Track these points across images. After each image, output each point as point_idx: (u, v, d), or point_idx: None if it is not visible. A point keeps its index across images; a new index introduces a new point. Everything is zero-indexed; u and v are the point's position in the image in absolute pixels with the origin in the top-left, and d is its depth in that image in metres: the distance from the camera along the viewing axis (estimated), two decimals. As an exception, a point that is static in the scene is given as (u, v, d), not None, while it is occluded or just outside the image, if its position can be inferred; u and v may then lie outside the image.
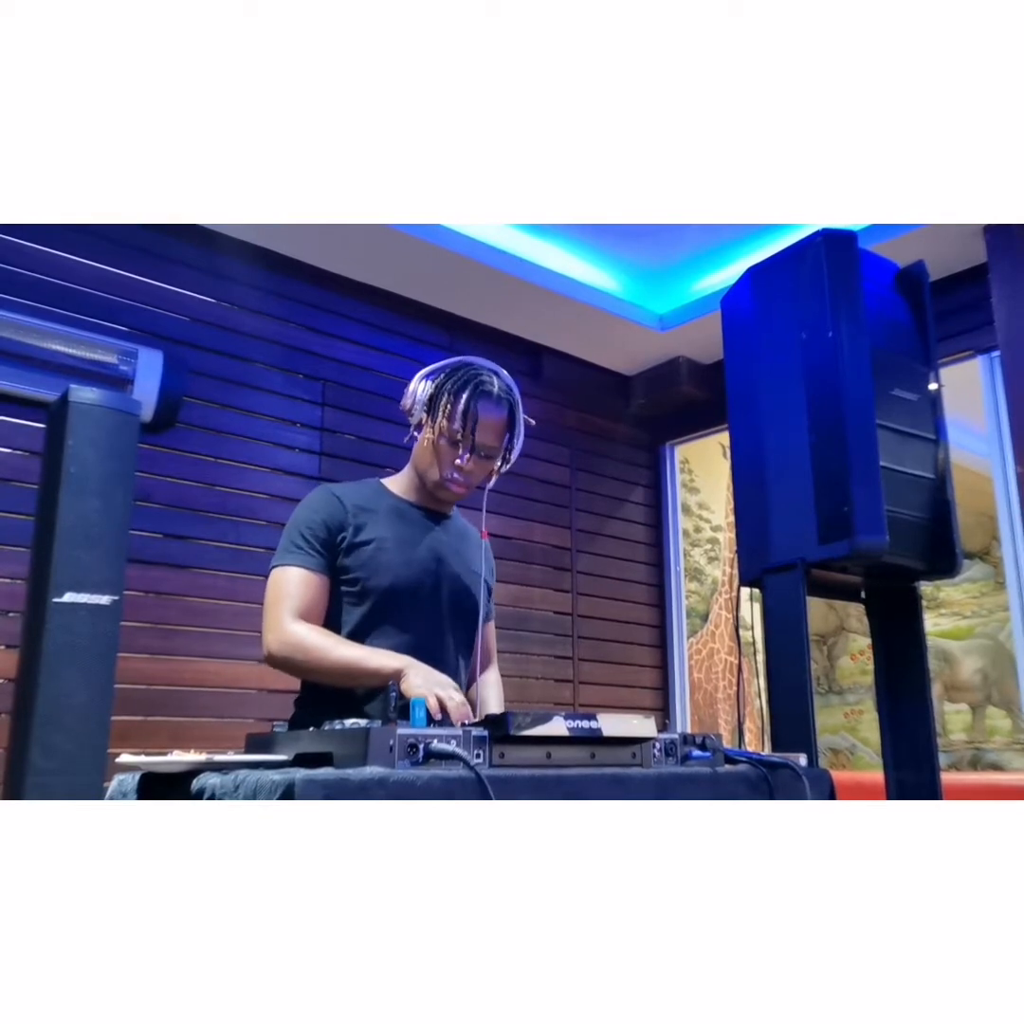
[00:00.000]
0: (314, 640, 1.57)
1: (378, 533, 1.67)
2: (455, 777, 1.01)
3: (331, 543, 1.65)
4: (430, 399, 1.68)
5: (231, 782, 1.02)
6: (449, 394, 1.67)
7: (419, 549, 1.70)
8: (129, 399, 2.28)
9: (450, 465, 1.69)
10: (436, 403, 1.68)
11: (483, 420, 1.67)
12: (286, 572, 1.63)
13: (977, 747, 4.27)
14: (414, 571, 1.67)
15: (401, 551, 1.67)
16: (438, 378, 1.70)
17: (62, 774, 1.81)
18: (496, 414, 1.69)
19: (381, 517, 1.70)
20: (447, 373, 1.70)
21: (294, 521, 1.68)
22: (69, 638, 1.89)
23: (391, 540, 1.68)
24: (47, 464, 2.05)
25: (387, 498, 1.75)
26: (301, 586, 1.62)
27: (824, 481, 1.76)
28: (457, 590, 1.73)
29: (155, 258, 2.99)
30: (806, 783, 1.31)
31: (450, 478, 1.70)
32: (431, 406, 1.68)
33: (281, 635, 1.59)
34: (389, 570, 1.65)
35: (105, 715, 1.90)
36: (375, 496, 1.75)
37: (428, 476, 1.72)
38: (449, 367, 1.72)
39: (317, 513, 1.67)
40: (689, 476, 4.50)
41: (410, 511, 1.75)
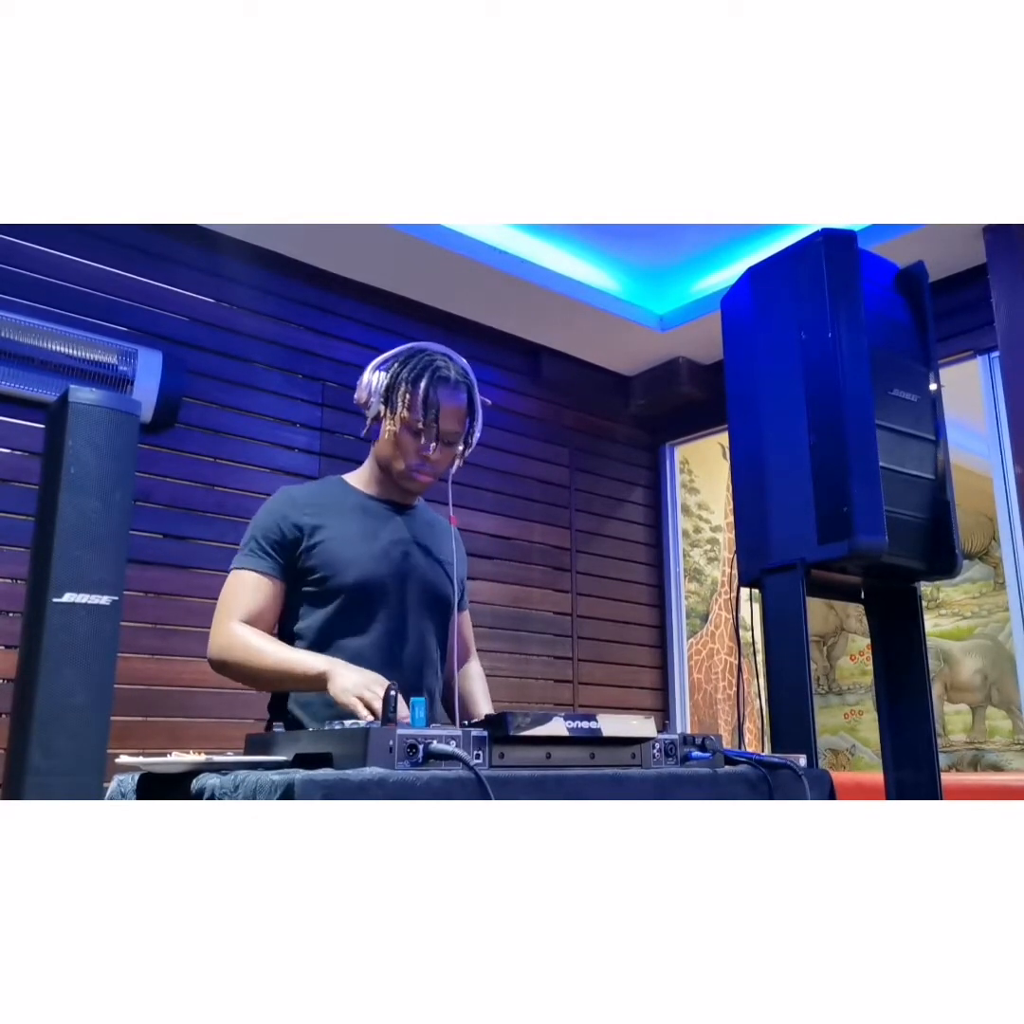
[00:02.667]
0: (247, 643, 1.55)
1: (340, 530, 1.65)
2: (455, 777, 1.01)
3: (285, 545, 1.63)
4: (387, 390, 1.65)
5: (230, 782, 1.02)
6: (407, 383, 1.63)
7: (384, 542, 1.67)
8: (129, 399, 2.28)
9: (415, 455, 1.66)
10: (394, 394, 1.64)
11: (445, 408, 1.64)
12: (239, 575, 1.62)
13: (977, 748, 4.27)
14: (380, 565, 1.64)
15: (366, 545, 1.65)
16: (392, 367, 1.66)
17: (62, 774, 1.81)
18: (457, 400, 1.66)
19: (343, 513, 1.68)
20: (401, 361, 1.66)
21: (253, 524, 1.67)
22: (69, 638, 1.89)
23: (355, 535, 1.65)
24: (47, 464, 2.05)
25: (349, 494, 1.73)
26: (251, 590, 1.61)
27: (823, 481, 1.76)
28: (426, 581, 1.70)
29: (155, 258, 2.99)
30: (806, 784, 1.31)
31: (416, 468, 1.67)
32: (388, 397, 1.64)
33: (219, 638, 1.58)
34: (355, 565, 1.62)
35: (105, 715, 1.91)
36: (336, 493, 1.72)
37: (393, 468, 1.68)
38: (402, 355, 1.68)
39: (272, 515, 1.66)
40: (689, 476, 4.50)
41: (373, 505, 1.72)
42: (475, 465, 3.70)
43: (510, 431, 3.83)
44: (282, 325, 3.26)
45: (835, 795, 1.41)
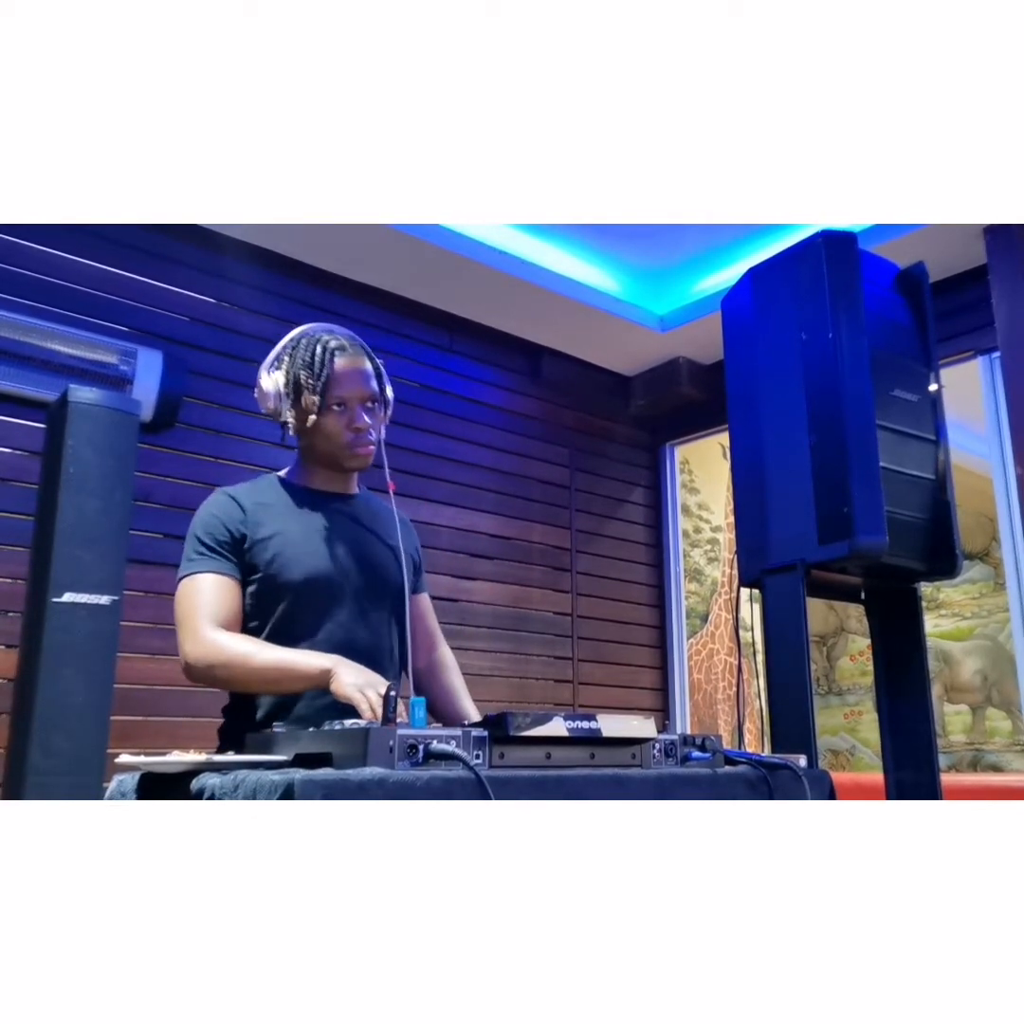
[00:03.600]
0: (236, 647, 1.50)
1: (280, 527, 1.61)
2: (455, 777, 1.01)
3: (235, 545, 1.58)
4: (287, 385, 1.63)
5: (230, 782, 1.02)
6: (303, 370, 1.61)
7: (327, 534, 1.63)
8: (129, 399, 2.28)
9: (347, 430, 1.63)
10: (296, 386, 1.62)
11: (349, 373, 1.62)
12: (196, 580, 1.56)
13: (977, 748, 4.27)
14: (325, 559, 1.61)
15: (308, 541, 1.61)
16: (283, 363, 1.65)
17: (62, 774, 1.82)
18: (359, 363, 1.65)
19: (283, 510, 1.64)
20: (289, 354, 1.65)
21: (193, 529, 1.61)
22: (68, 638, 1.90)
23: (296, 532, 1.61)
24: (47, 464, 2.06)
25: (285, 490, 1.69)
26: (216, 592, 1.54)
27: (824, 482, 1.76)
28: (375, 569, 1.66)
29: (155, 258, 2.99)
30: (806, 784, 1.31)
31: (354, 442, 1.64)
32: (292, 392, 1.62)
33: (200, 645, 1.50)
34: (299, 562, 1.58)
35: (105, 715, 1.91)
36: (271, 491, 1.68)
37: (332, 451, 1.65)
38: (286, 349, 1.66)
39: (215, 517, 1.60)
40: (689, 477, 4.50)
41: (310, 498, 1.68)
42: (475, 465, 3.71)
43: (510, 431, 3.83)
44: (283, 325, 3.24)
45: (835, 795, 1.41)
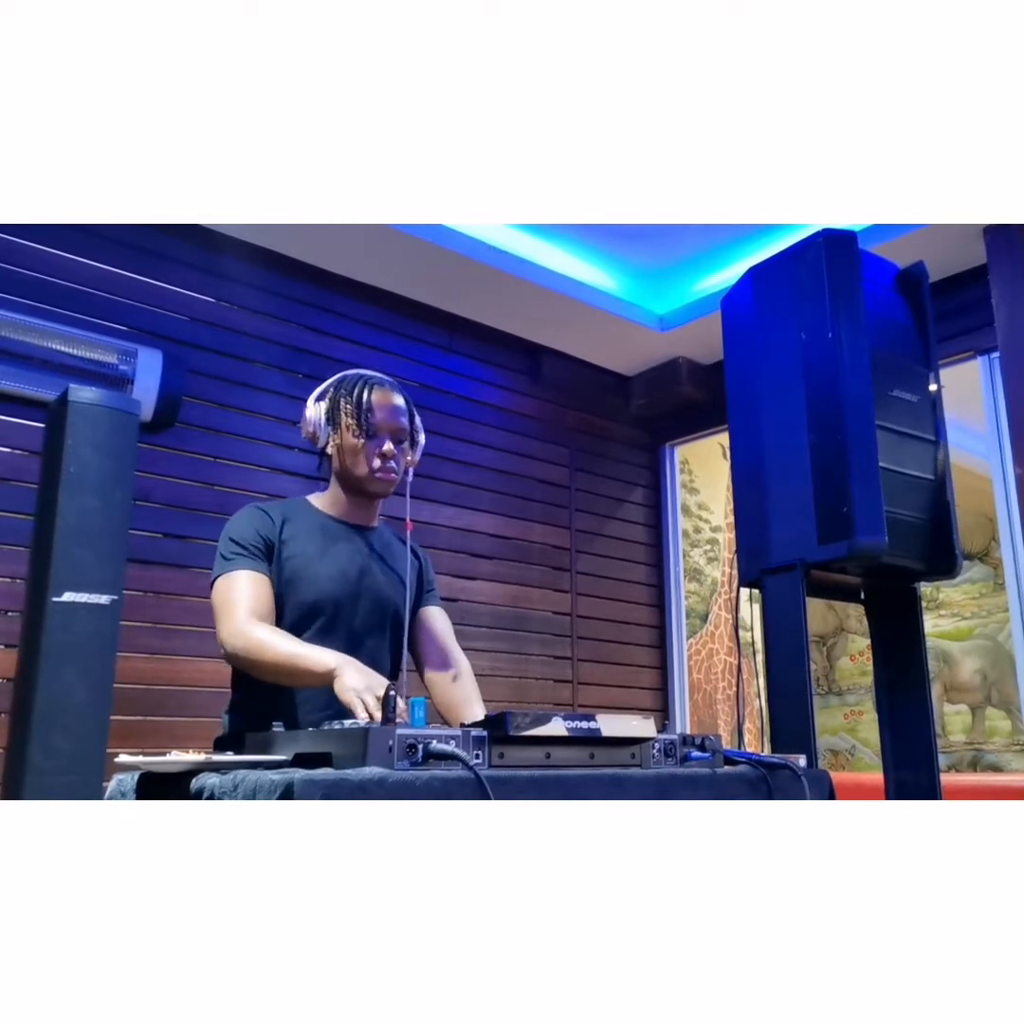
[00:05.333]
0: (259, 634, 1.57)
1: (302, 548, 1.71)
2: (454, 777, 1.01)
3: (268, 550, 1.68)
4: (328, 412, 1.78)
5: (230, 782, 1.02)
6: (344, 398, 1.77)
7: (342, 562, 1.73)
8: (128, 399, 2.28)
9: (373, 457, 1.75)
10: (336, 413, 1.77)
11: (383, 404, 1.77)
12: (231, 577, 1.64)
13: (977, 748, 4.27)
14: (335, 584, 1.70)
15: (324, 565, 1.71)
16: (329, 393, 1.81)
17: (62, 773, 1.82)
18: (392, 398, 1.79)
19: (306, 532, 1.75)
20: (335, 387, 1.81)
21: (227, 533, 1.70)
22: (68, 637, 1.89)
23: (314, 555, 1.72)
24: (46, 464, 2.05)
25: (312, 514, 1.80)
26: (251, 587, 1.63)
27: (823, 482, 1.76)
28: (380, 598, 1.76)
29: (155, 258, 2.99)
30: (805, 784, 1.31)
31: (377, 469, 1.75)
32: (331, 418, 1.78)
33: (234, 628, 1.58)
34: (313, 584, 1.68)
35: (104, 715, 1.91)
36: (300, 512, 1.79)
37: (356, 476, 1.77)
38: (333, 383, 1.82)
39: (251, 525, 1.70)
40: (689, 477, 4.50)
41: (334, 526, 1.79)
42: (475, 465, 3.71)
43: (510, 431, 3.83)
44: (282, 325, 3.26)
45: (835, 795, 1.41)
